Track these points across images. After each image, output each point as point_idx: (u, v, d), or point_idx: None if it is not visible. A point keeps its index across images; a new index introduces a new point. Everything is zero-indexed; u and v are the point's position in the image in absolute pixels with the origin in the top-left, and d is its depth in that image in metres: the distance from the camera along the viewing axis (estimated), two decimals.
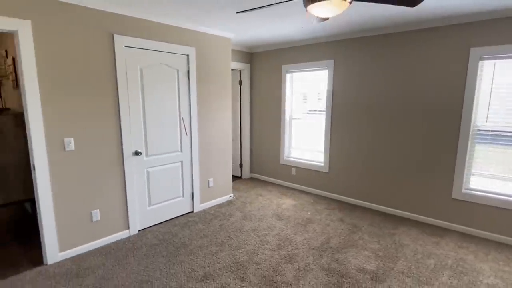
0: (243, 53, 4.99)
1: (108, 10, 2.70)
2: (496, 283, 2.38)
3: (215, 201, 4.06)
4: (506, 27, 2.82)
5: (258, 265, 2.59)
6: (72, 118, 2.60)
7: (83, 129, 2.68)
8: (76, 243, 2.76)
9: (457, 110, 3.18)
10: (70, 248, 2.72)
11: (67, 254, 2.70)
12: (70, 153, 2.63)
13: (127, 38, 2.88)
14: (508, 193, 3.02)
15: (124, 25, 2.85)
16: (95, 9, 2.63)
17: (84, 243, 2.81)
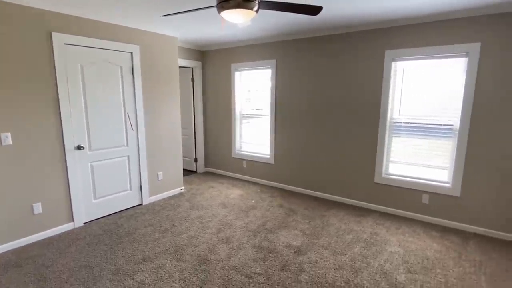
0: (195, 51, 5.17)
1: (45, 8, 2.77)
2: (398, 251, 2.82)
3: (165, 193, 4.23)
4: (413, 33, 3.28)
5: (196, 247, 2.83)
6: (9, 114, 2.66)
7: (21, 124, 2.74)
8: (17, 235, 2.82)
9: (377, 105, 3.63)
10: (11, 240, 2.78)
11: (7, 246, 2.76)
12: (8, 148, 2.68)
13: (67, 36, 2.97)
14: (415, 176, 3.52)
15: (63, 23, 2.93)
16: (31, 7, 2.70)
17: (25, 236, 2.88)
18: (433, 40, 3.16)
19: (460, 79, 3.12)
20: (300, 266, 2.53)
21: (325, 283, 2.31)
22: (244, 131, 5.13)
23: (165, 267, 2.50)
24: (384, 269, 2.50)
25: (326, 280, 2.35)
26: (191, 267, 2.51)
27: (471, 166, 3.13)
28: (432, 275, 2.42)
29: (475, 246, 2.89)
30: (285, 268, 2.51)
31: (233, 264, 2.55)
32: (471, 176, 3.14)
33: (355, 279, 2.36)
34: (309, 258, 2.67)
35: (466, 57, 3.03)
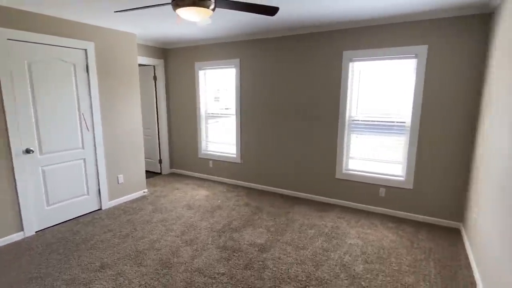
0: (157, 49, 5.02)
1: None
2: (357, 242, 2.95)
3: (127, 197, 4.07)
4: (368, 35, 3.44)
5: (158, 251, 2.76)
6: None
7: None
8: None
9: (336, 104, 3.77)
10: None
11: None
12: None
13: (10, 31, 2.74)
14: (373, 171, 3.71)
15: (5, 16, 2.70)
16: None
17: None
18: (387, 42, 3.35)
19: (411, 79, 3.33)
20: (264, 263, 2.57)
21: (287, 278, 2.35)
22: (210, 131, 5.08)
23: (125, 274, 2.41)
24: (343, 261, 2.61)
25: (289, 275, 2.40)
26: (153, 272, 2.44)
27: (422, 161, 3.36)
28: (387, 263, 2.57)
29: (425, 235, 3.11)
30: (249, 266, 2.52)
31: (196, 266, 2.52)
32: (422, 170, 3.37)
33: (316, 272, 2.44)
34: (272, 254, 2.71)
35: (416, 58, 3.24)
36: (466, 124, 3.09)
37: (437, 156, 3.28)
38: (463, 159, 3.15)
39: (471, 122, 3.06)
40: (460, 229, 3.21)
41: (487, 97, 2.66)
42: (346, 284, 2.29)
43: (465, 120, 3.09)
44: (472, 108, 3.04)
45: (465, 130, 3.10)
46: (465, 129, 3.10)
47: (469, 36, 2.95)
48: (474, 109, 3.03)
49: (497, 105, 2.31)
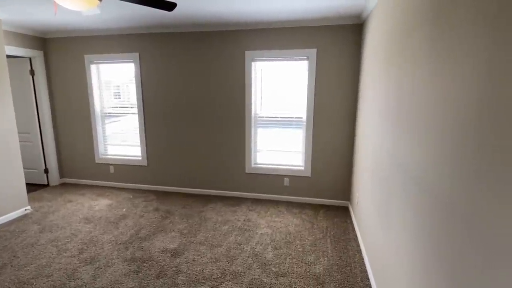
0: (34, 38, 4.20)
1: None
2: (267, 232, 3.15)
3: (2, 218, 3.32)
4: (268, 36, 3.65)
5: (48, 278, 2.35)
6: None
7: None
8: None
9: (242, 102, 3.90)
10: None
11: None
12: None
13: None
14: (278, 163, 4.01)
15: None
16: None
17: None
18: (284, 44, 3.62)
19: (305, 79, 3.71)
20: (177, 268, 2.49)
21: (202, 279, 2.35)
22: (109, 132, 4.57)
23: None
24: (255, 251, 2.75)
25: (204, 275, 2.39)
26: None
27: (316, 152, 3.80)
28: (293, 247, 2.83)
29: (323, 215, 3.55)
30: (161, 274, 2.41)
31: (99, 285, 2.26)
32: (317, 159, 3.82)
33: (230, 267, 2.51)
34: (186, 258, 2.65)
35: (307, 60, 3.62)
36: (348, 119, 3.63)
37: (328, 147, 3.76)
38: (347, 149, 3.71)
39: (352, 117, 3.62)
40: (348, 207, 3.79)
41: (361, 95, 3.19)
42: (259, 272, 2.43)
43: (347, 116, 3.63)
44: (353, 105, 3.59)
45: (347, 125, 3.65)
46: (348, 123, 3.64)
47: (348, 42, 3.46)
48: (354, 106, 3.59)
49: (365, 102, 2.79)
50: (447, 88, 1.14)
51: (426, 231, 1.29)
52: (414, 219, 1.43)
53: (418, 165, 1.41)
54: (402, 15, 1.77)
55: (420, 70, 1.43)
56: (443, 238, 1.12)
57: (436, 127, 1.22)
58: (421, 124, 1.39)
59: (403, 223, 1.60)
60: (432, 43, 1.30)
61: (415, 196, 1.44)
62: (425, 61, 1.38)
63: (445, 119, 1.14)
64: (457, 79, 1.06)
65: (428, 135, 1.31)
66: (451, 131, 1.09)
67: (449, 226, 1.08)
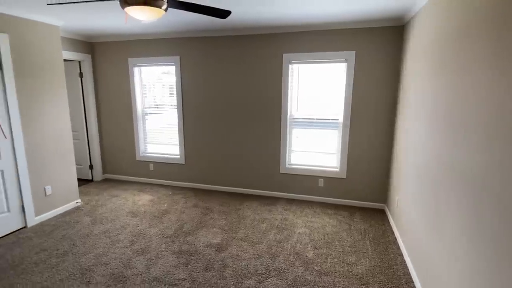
0: (83, 43, 4.51)
1: None
2: (305, 231, 3.22)
3: (57, 210, 3.61)
4: (306, 39, 3.72)
5: (106, 265, 2.56)
6: None
7: None
8: None
9: (278, 103, 3.98)
10: None
11: None
12: None
13: None
14: (312, 164, 4.06)
15: None
16: None
17: None
18: (321, 46, 3.67)
19: (342, 81, 3.73)
20: (223, 262, 2.62)
21: (248, 274, 2.46)
22: (149, 132, 4.82)
23: None
24: (296, 250, 2.83)
25: (249, 270, 2.50)
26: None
27: (352, 153, 3.81)
28: (333, 247, 2.88)
29: (359, 217, 3.56)
30: (209, 267, 2.54)
31: (154, 275, 2.43)
32: (353, 161, 3.83)
33: (274, 264, 2.60)
34: (230, 253, 2.77)
35: (345, 62, 3.64)
36: (387, 121, 3.62)
37: (364, 149, 3.76)
38: (385, 151, 3.69)
39: (391, 119, 3.61)
40: (385, 210, 3.77)
41: (402, 97, 3.17)
42: (301, 270, 2.51)
43: (386, 117, 3.62)
44: (391, 107, 3.58)
45: (386, 126, 3.63)
46: (386, 125, 3.63)
47: (388, 44, 3.45)
48: (393, 107, 3.57)
49: (410, 105, 2.78)
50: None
51: (487, 236, 1.31)
52: (473, 224, 1.45)
53: (478, 169, 1.43)
54: (458, 16, 1.78)
55: (481, 72, 1.44)
56: (508, 243, 1.14)
57: (503, 131, 1.24)
58: (482, 128, 1.41)
59: (459, 229, 1.62)
60: (496, 43, 1.31)
61: (474, 201, 1.46)
62: (487, 64, 1.39)
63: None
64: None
65: (491, 139, 1.32)
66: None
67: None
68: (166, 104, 4.61)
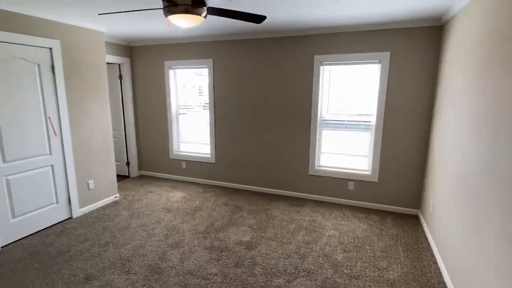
0: (122, 47, 4.80)
1: None
2: (334, 234, 3.20)
3: (98, 203, 3.88)
4: (337, 40, 3.69)
5: (144, 257, 2.72)
6: None
7: None
8: None
9: (308, 105, 3.99)
10: None
11: None
12: None
13: None
14: (342, 166, 4.01)
15: None
16: None
17: None
18: (353, 48, 3.63)
19: (375, 82, 3.66)
20: (253, 260, 2.68)
21: (277, 273, 2.50)
22: (182, 131, 5.01)
23: (114, 283, 2.36)
24: (325, 252, 2.83)
25: (278, 269, 2.55)
26: (143, 278, 2.41)
27: (385, 156, 3.73)
28: (363, 251, 2.85)
29: (391, 222, 3.48)
30: (239, 264, 2.62)
31: (187, 268, 2.55)
32: (385, 164, 3.74)
33: (303, 264, 2.62)
34: (259, 251, 2.83)
35: (379, 64, 3.57)
36: (422, 124, 3.50)
37: (398, 152, 3.66)
38: (419, 155, 3.57)
39: (427, 122, 3.48)
40: (419, 216, 3.64)
41: (440, 99, 3.06)
42: (331, 272, 2.51)
43: (421, 120, 3.50)
44: (428, 109, 3.45)
45: (420, 130, 3.51)
46: (421, 128, 3.51)
47: (425, 44, 3.34)
48: (429, 109, 3.45)
49: (449, 107, 2.67)
50: None
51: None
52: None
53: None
54: (507, 15, 1.71)
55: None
56: None
57: None
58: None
59: (500, 236, 1.55)
60: None
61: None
62: None
63: None
64: None
65: None
66: None
67: None
68: (195, 105, 4.77)
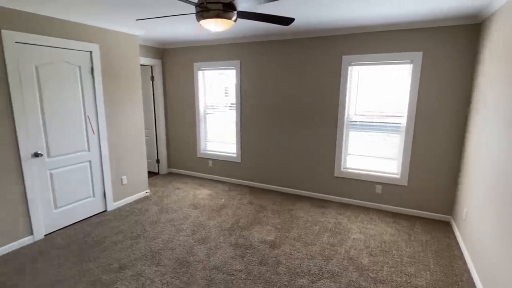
0: (154, 49, 5.02)
1: None
2: (359, 237, 3.16)
3: (131, 198, 4.10)
4: (367, 40, 3.63)
5: (172, 251, 2.84)
6: None
7: None
8: None
9: (335, 105, 3.95)
10: None
11: None
12: None
13: (19, 33, 2.71)
14: (369, 169, 3.93)
15: (14, 20, 2.67)
16: None
17: None
18: (384, 47, 3.55)
19: (406, 83, 3.55)
20: (277, 259, 2.71)
21: (301, 273, 2.52)
22: (209, 131, 5.15)
23: (145, 273, 2.49)
24: (350, 255, 2.80)
25: (302, 269, 2.56)
26: (172, 271, 2.53)
27: (416, 159, 3.61)
28: (390, 256, 2.78)
29: (420, 228, 3.36)
30: (263, 262, 2.66)
31: (213, 263, 2.64)
32: (416, 168, 3.62)
33: (327, 266, 2.62)
34: (283, 250, 2.86)
35: (411, 64, 3.46)
36: (457, 126, 3.35)
37: (429, 155, 3.53)
38: (452, 159, 3.42)
39: (461, 124, 3.33)
40: (451, 222, 3.49)
41: (476, 100, 2.91)
42: (356, 275, 2.48)
43: (455, 122, 3.35)
44: (462, 111, 3.30)
45: (455, 131, 3.36)
46: (455, 130, 3.36)
47: (460, 44, 3.20)
48: (464, 112, 3.29)
49: (487, 109, 2.54)
50: None
51: None
52: None
53: None
54: None
55: None
56: None
57: None
58: None
59: None
60: None
61: None
62: None
63: None
64: None
65: None
66: None
67: None
68: (221, 105, 4.88)
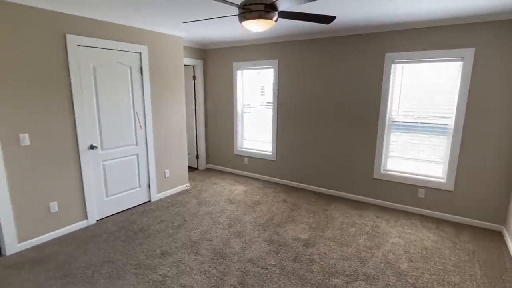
0: (197, 50, 5.24)
1: (59, 10, 2.81)
2: (398, 242, 3.04)
3: (172, 190, 4.34)
4: (412, 37, 3.47)
5: (210, 242, 2.98)
6: (26, 115, 2.71)
7: (38, 125, 2.80)
8: (35, 233, 2.90)
9: (376, 105, 3.82)
10: (29, 238, 2.86)
11: (26, 244, 2.83)
12: (25, 148, 2.74)
13: (80, 37, 3.02)
14: (412, 172, 3.75)
15: (76, 25, 2.98)
16: (45, 10, 2.73)
17: (43, 234, 2.95)
18: (431, 44, 3.36)
19: (455, 82, 3.34)
20: (311, 257, 2.72)
21: (335, 272, 2.50)
22: (246, 129, 5.26)
23: (184, 261, 2.64)
24: (387, 258, 2.72)
25: (336, 269, 2.54)
26: (209, 260, 2.65)
27: (464, 163, 3.37)
28: (431, 263, 2.65)
29: (467, 236, 3.15)
30: (297, 259, 2.69)
31: (248, 256, 2.72)
32: (464, 172, 3.39)
33: (363, 268, 2.57)
34: (317, 250, 2.86)
35: (461, 61, 3.24)
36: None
37: (479, 159, 3.28)
38: (507, 163, 3.14)
39: None
40: (503, 232, 3.22)
41: None
42: (393, 280, 2.41)
43: (511, 124, 3.08)
44: None
45: (510, 135, 3.09)
46: (511, 133, 3.09)
47: None
48: None
49: None
50: None
51: None
52: None
53: None
54: None
55: None
56: None
57: None
58: None
59: None
60: None
61: None
62: None
63: None
64: None
65: None
66: None
67: None
68: (257, 104, 4.96)
